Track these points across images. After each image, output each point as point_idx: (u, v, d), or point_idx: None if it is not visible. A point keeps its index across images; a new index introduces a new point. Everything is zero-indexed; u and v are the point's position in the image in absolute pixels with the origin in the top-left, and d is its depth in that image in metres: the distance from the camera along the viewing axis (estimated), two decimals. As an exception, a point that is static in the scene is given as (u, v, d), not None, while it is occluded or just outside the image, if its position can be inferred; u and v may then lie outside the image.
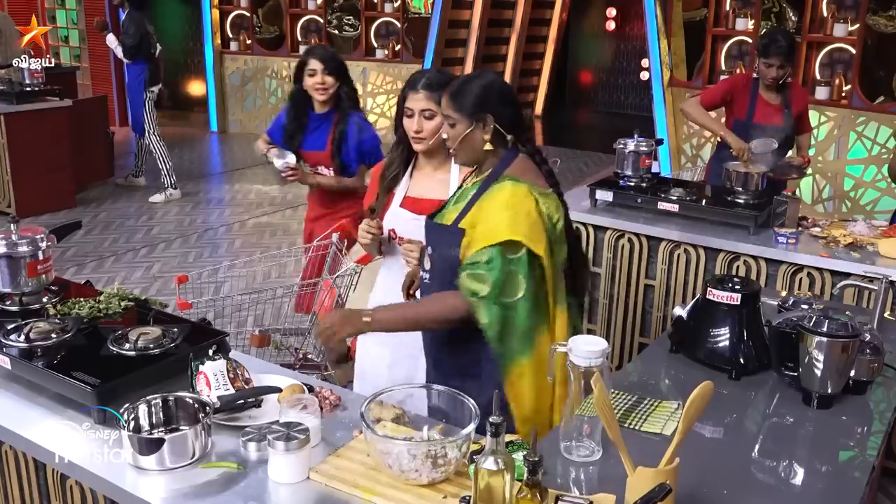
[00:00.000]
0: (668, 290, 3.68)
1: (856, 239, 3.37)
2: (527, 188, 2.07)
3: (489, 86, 2.13)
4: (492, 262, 2.00)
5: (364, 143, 3.62)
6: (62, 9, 10.69)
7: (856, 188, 6.87)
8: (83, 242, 6.23)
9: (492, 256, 2.00)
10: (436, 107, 2.39)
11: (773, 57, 3.99)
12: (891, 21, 6.87)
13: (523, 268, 2.02)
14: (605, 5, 12.80)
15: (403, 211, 2.51)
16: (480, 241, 2.03)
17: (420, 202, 2.49)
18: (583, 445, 1.82)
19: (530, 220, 2.04)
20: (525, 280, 2.02)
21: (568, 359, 1.78)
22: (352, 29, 10.25)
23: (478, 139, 2.12)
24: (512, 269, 2.01)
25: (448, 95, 2.14)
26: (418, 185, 2.53)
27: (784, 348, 2.16)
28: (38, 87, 6.78)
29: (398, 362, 2.54)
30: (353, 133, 3.60)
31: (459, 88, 2.13)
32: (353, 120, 3.62)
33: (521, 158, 2.16)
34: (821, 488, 1.83)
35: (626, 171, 3.87)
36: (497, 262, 2.00)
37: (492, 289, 2.00)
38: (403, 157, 2.56)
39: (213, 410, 1.84)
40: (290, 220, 6.94)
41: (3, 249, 2.33)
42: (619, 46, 12.90)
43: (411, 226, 2.45)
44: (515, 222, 2.02)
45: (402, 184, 2.55)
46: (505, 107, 2.14)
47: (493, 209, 2.06)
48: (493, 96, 2.12)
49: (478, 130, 2.11)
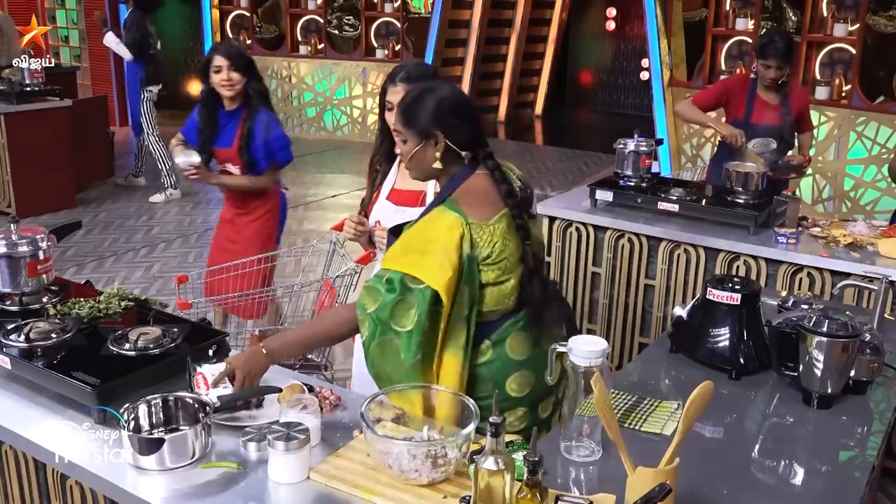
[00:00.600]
0: (668, 290, 3.68)
1: (856, 239, 3.37)
2: (459, 221, 1.93)
3: (441, 101, 2.01)
4: (392, 283, 1.91)
5: (272, 141, 3.59)
6: (62, 9, 10.69)
7: (856, 188, 6.87)
8: (83, 242, 6.23)
9: (392, 279, 1.91)
10: None
11: (770, 58, 3.99)
12: (891, 21, 6.87)
13: (422, 302, 1.88)
14: (605, 5, 12.80)
15: (388, 203, 2.55)
16: (388, 262, 1.96)
17: (403, 193, 2.53)
18: (583, 445, 1.82)
19: (441, 257, 1.90)
20: (418, 314, 1.89)
21: (568, 359, 1.79)
22: (352, 29, 10.25)
23: (428, 157, 2.02)
24: (408, 298, 1.89)
25: (398, 111, 2.06)
26: (404, 176, 2.54)
27: (784, 348, 2.16)
28: (38, 87, 6.78)
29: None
30: (261, 130, 3.57)
31: (410, 104, 2.03)
32: (261, 118, 3.59)
33: (476, 176, 2.03)
34: (821, 488, 1.83)
35: (626, 171, 3.87)
36: (396, 286, 1.90)
37: (380, 308, 1.91)
38: (387, 150, 2.56)
39: (213, 410, 1.84)
40: (290, 220, 6.90)
41: (3, 249, 2.34)
42: (619, 46, 12.91)
43: (395, 217, 2.47)
44: (425, 256, 1.91)
45: (389, 176, 2.58)
46: (459, 122, 2.02)
47: (417, 235, 1.98)
48: (445, 112, 2.00)
49: (428, 148, 2.01)
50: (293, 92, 10.41)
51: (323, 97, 10.29)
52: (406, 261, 1.92)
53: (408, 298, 1.90)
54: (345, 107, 10.27)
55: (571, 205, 3.93)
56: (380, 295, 1.92)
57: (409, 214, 2.44)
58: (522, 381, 2.05)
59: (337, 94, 10.23)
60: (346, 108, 10.27)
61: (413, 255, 1.93)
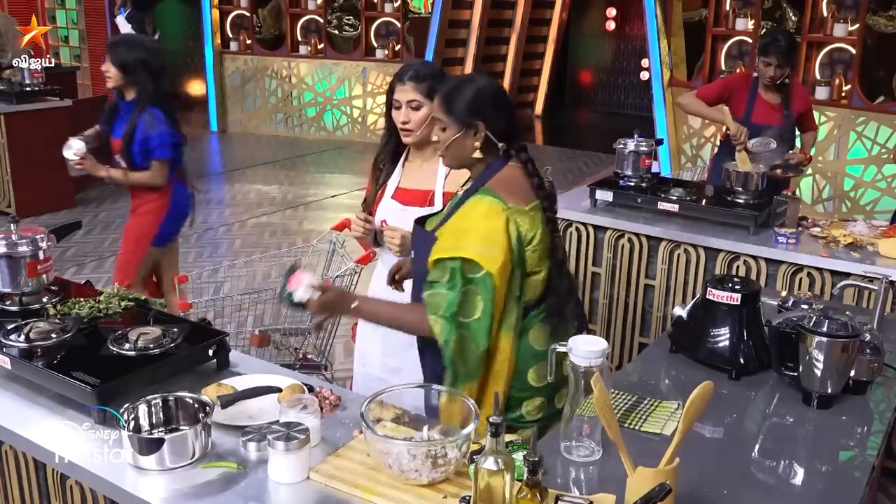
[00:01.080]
0: (668, 290, 3.68)
1: (856, 239, 3.38)
2: (501, 206, 1.98)
3: (482, 91, 2.05)
4: (452, 279, 1.95)
5: (151, 138, 3.59)
6: (62, 9, 10.69)
7: (856, 188, 6.87)
8: (83, 242, 6.23)
9: (452, 274, 1.95)
10: (423, 98, 2.40)
11: (771, 56, 3.99)
12: (891, 21, 6.87)
13: (484, 288, 1.94)
14: (605, 5, 12.81)
15: (393, 202, 2.54)
16: (440, 252, 1.98)
17: (409, 193, 2.52)
18: (583, 445, 1.82)
19: (493, 240, 1.96)
20: (483, 301, 1.95)
21: (568, 359, 1.79)
22: (352, 29, 10.25)
23: (468, 146, 2.05)
24: (470, 288, 1.94)
25: (440, 98, 2.07)
26: (409, 176, 2.56)
27: (784, 348, 2.16)
28: (38, 87, 6.78)
29: (389, 352, 2.57)
30: (143, 126, 3.58)
31: (452, 92, 2.05)
32: (146, 114, 3.60)
33: (509, 167, 2.08)
34: (821, 488, 1.82)
35: (626, 171, 3.87)
36: (457, 280, 1.94)
37: (447, 306, 1.95)
38: (393, 149, 2.58)
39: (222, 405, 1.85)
40: (290, 220, 6.93)
41: (3, 249, 2.34)
42: (619, 46, 12.91)
43: (400, 216, 2.48)
44: (478, 241, 1.95)
45: (394, 175, 2.58)
46: (498, 113, 2.06)
47: (461, 223, 2.01)
48: (486, 102, 2.04)
49: (468, 137, 2.04)
50: (293, 92, 10.42)
51: (323, 97, 10.30)
52: (461, 248, 1.96)
53: (470, 288, 1.95)
54: (345, 107, 10.27)
55: (571, 205, 3.93)
56: (443, 296, 1.96)
57: (414, 214, 2.44)
58: (542, 371, 2.07)
59: (337, 94, 10.23)
60: (346, 108, 10.27)
61: (465, 241, 1.96)
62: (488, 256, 1.94)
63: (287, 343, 3.52)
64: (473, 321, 1.96)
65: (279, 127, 10.60)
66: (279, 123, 10.60)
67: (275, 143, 10.17)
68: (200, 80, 11.09)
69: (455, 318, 1.95)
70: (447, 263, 1.96)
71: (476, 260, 1.93)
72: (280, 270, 5.36)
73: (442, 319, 1.95)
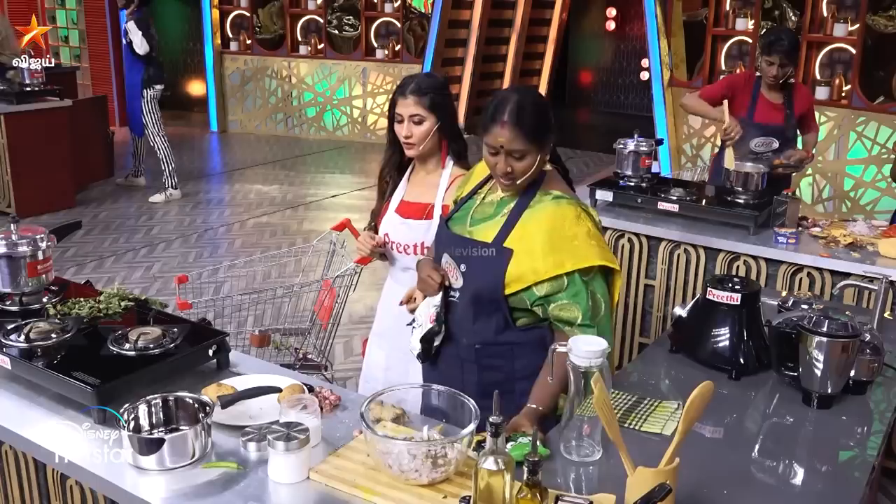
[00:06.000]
0: (668, 290, 3.68)
1: (856, 239, 3.37)
2: (578, 207, 2.05)
3: (539, 107, 2.00)
4: (576, 290, 1.98)
5: None
6: (62, 9, 10.68)
7: (856, 188, 6.87)
8: (83, 242, 6.23)
9: (573, 285, 1.98)
10: (425, 112, 2.39)
11: (774, 54, 3.98)
12: (891, 21, 6.87)
13: (600, 286, 2.02)
14: (605, 5, 12.81)
15: (395, 215, 2.53)
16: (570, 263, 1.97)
17: (410, 206, 2.51)
18: (583, 445, 1.82)
19: (596, 238, 2.03)
20: (603, 298, 2.02)
21: (568, 359, 1.78)
22: (352, 29, 10.25)
23: (540, 164, 2.03)
24: (592, 290, 2.00)
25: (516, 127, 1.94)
26: (412, 189, 2.55)
27: (784, 348, 2.16)
28: (38, 87, 6.78)
29: (392, 366, 2.56)
30: None
31: (533, 120, 1.96)
32: None
33: (550, 171, 2.13)
34: (821, 488, 1.83)
35: (626, 171, 3.87)
36: (580, 289, 1.98)
37: (583, 314, 1.99)
38: (397, 162, 2.57)
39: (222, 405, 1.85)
40: (290, 220, 6.93)
41: (3, 249, 2.34)
42: (619, 46, 12.91)
43: (401, 230, 2.48)
44: (591, 246, 2.00)
45: (399, 188, 2.57)
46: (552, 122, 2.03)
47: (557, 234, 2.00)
48: (546, 115, 2.01)
49: (542, 156, 2.02)
50: (293, 92, 10.42)
51: (323, 97, 10.30)
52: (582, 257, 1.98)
53: (591, 291, 2.00)
54: (345, 107, 10.27)
55: (571, 205, 3.92)
56: (574, 306, 1.99)
57: (414, 227, 2.45)
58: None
59: (337, 94, 10.23)
60: (345, 108, 10.28)
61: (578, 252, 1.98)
62: (602, 256, 2.01)
63: (287, 343, 3.52)
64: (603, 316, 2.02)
65: (279, 127, 10.60)
66: (279, 123, 10.60)
67: (275, 143, 10.17)
68: (200, 80, 11.09)
69: (592, 321, 1.99)
70: (562, 278, 1.98)
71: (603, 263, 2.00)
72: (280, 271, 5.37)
73: (580, 328, 1.98)
